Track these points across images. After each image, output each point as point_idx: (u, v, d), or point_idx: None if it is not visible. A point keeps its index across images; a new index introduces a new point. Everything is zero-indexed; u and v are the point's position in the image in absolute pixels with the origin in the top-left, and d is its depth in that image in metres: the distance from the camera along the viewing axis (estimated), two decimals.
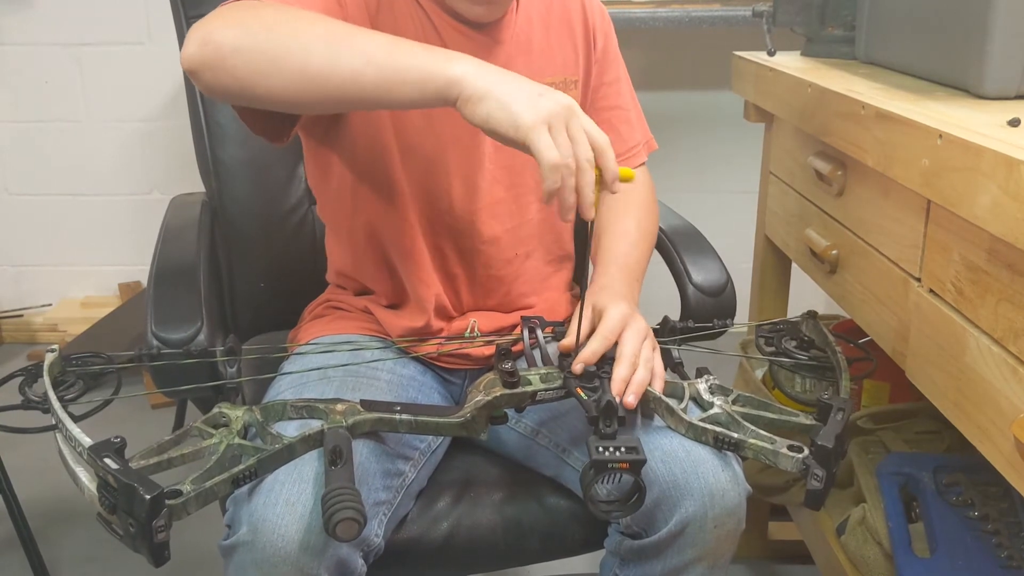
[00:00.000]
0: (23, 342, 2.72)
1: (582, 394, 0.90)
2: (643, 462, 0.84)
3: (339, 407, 0.89)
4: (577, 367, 0.92)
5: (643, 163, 1.25)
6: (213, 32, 0.86)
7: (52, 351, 0.93)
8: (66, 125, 2.61)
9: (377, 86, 0.83)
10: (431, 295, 1.11)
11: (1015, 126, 0.89)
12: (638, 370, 0.93)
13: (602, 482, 0.85)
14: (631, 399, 0.91)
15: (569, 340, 0.96)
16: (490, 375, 0.94)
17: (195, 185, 1.46)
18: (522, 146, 0.80)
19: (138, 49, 2.53)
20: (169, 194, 1.49)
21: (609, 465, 0.83)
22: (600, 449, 0.84)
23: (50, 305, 2.74)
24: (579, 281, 1.28)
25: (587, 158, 0.80)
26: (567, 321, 1.05)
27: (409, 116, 1.06)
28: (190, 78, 0.88)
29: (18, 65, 2.55)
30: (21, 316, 2.70)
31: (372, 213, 1.11)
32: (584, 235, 1.23)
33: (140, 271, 2.72)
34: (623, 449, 0.84)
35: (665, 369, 0.99)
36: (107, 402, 0.91)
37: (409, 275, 1.12)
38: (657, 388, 0.96)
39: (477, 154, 1.09)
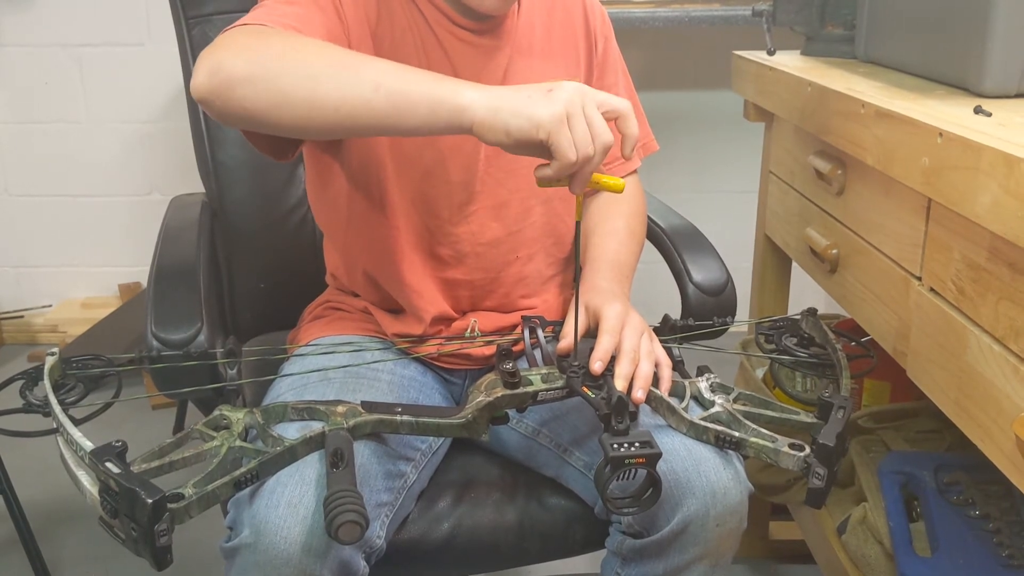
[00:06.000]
0: (24, 343, 2.72)
1: (589, 393, 0.90)
2: (659, 455, 0.84)
3: (340, 409, 0.89)
4: (595, 366, 0.91)
5: (635, 170, 1.25)
6: (222, 62, 0.86)
7: (52, 354, 0.93)
8: (66, 126, 2.61)
9: (387, 114, 0.84)
10: (426, 304, 1.11)
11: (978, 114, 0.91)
12: (641, 363, 0.93)
13: (617, 479, 0.84)
14: (639, 394, 0.91)
15: (565, 343, 0.96)
16: (491, 375, 0.94)
17: (195, 186, 1.46)
18: (544, 147, 0.81)
19: (138, 50, 2.53)
20: (169, 195, 1.49)
21: (626, 461, 0.83)
22: (615, 446, 0.84)
23: (50, 306, 2.74)
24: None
25: (604, 145, 0.82)
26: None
27: None
28: (200, 107, 0.89)
29: (18, 66, 2.55)
30: (22, 317, 2.70)
31: (363, 225, 1.11)
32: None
33: (140, 272, 2.72)
34: (637, 444, 0.84)
35: None
36: (108, 405, 0.91)
37: (400, 289, 1.12)
38: (666, 376, 0.96)
39: (476, 160, 1.09)
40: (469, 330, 1.14)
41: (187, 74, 1.40)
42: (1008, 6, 0.99)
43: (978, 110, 0.95)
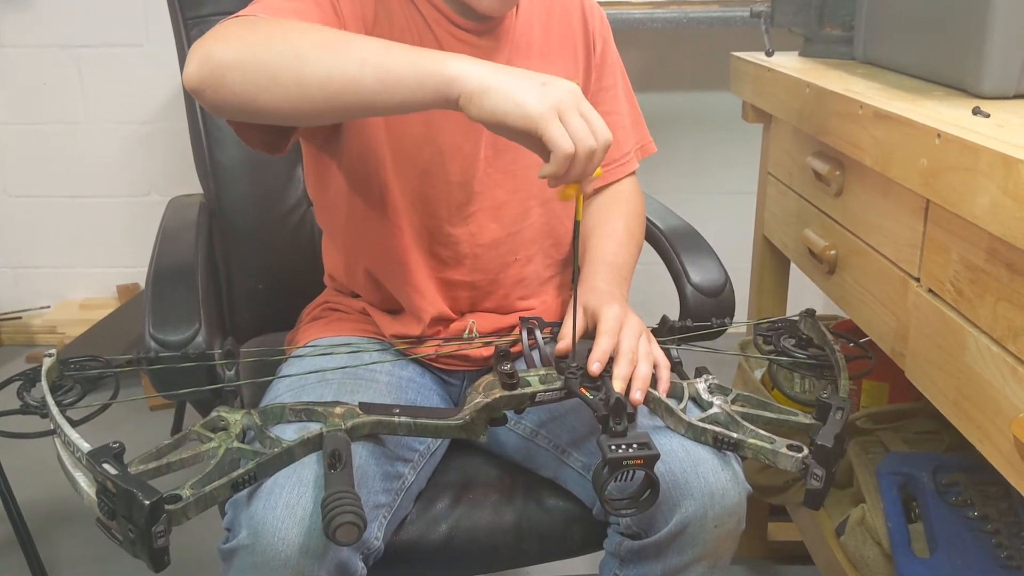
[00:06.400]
0: (22, 344, 2.71)
1: (587, 394, 0.90)
2: (657, 456, 0.84)
3: (338, 410, 0.89)
4: (594, 367, 0.91)
5: (633, 171, 1.25)
6: (212, 51, 0.86)
7: (50, 355, 0.93)
8: (64, 127, 2.61)
9: (375, 90, 0.83)
10: (426, 304, 1.11)
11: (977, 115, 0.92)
12: (639, 364, 0.93)
13: (615, 480, 0.85)
14: (638, 396, 0.91)
15: (564, 344, 0.96)
16: (489, 377, 0.94)
17: (193, 187, 1.46)
18: (533, 137, 0.80)
19: (136, 51, 2.53)
20: (167, 195, 1.49)
21: (624, 463, 0.83)
22: (613, 447, 0.84)
23: (49, 307, 2.74)
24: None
25: (606, 139, 0.81)
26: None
27: (407, 126, 1.06)
28: (193, 97, 0.89)
29: (17, 66, 2.55)
30: (20, 318, 2.70)
31: (363, 225, 1.11)
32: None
33: (138, 273, 2.72)
34: (635, 445, 0.84)
35: None
36: (105, 406, 0.91)
37: (401, 288, 1.11)
38: (664, 376, 0.96)
39: (475, 160, 1.09)
40: (467, 331, 1.14)
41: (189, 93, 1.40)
42: (1007, 7, 0.99)
43: (976, 111, 0.96)
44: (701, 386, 0.99)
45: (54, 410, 0.84)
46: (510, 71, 0.82)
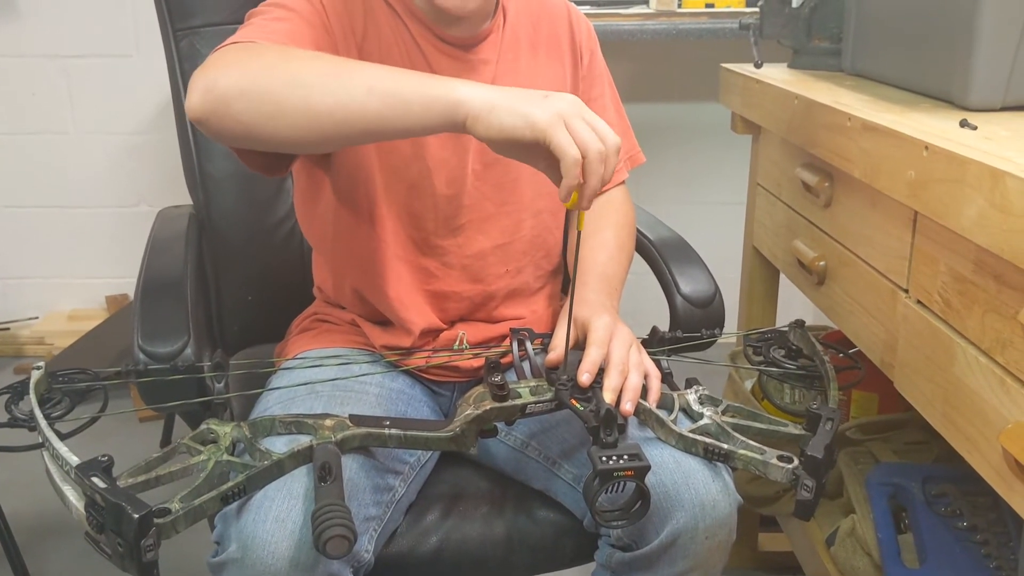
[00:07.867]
0: (10, 355, 2.70)
1: (577, 405, 0.90)
2: (647, 468, 0.84)
3: (328, 422, 0.89)
4: (583, 378, 0.91)
5: (623, 181, 1.25)
6: (215, 79, 0.86)
7: (38, 368, 0.93)
8: (53, 137, 2.60)
9: (382, 116, 0.84)
10: (413, 316, 1.11)
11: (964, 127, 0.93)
12: (629, 376, 0.93)
13: (606, 492, 0.85)
14: (628, 407, 0.91)
15: (554, 355, 0.96)
16: (480, 388, 0.93)
17: (183, 198, 1.45)
18: (541, 149, 0.80)
19: (126, 61, 2.53)
20: (156, 206, 1.48)
21: (615, 474, 0.83)
22: (604, 459, 0.84)
23: (37, 318, 2.73)
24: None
25: (615, 142, 0.81)
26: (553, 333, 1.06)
27: (396, 144, 1.06)
28: (197, 127, 0.88)
29: (5, 76, 2.54)
30: (8, 329, 2.69)
31: (350, 238, 1.11)
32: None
33: (127, 283, 2.71)
34: (626, 457, 0.84)
35: None
36: (94, 419, 0.91)
37: (388, 302, 1.11)
38: (654, 387, 0.96)
39: (464, 174, 1.09)
40: (457, 342, 1.14)
41: (175, 86, 1.39)
42: (993, 20, 1.00)
43: (963, 123, 0.96)
44: (691, 397, 0.99)
45: (42, 423, 0.83)
46: (512, 89, 0.83)
